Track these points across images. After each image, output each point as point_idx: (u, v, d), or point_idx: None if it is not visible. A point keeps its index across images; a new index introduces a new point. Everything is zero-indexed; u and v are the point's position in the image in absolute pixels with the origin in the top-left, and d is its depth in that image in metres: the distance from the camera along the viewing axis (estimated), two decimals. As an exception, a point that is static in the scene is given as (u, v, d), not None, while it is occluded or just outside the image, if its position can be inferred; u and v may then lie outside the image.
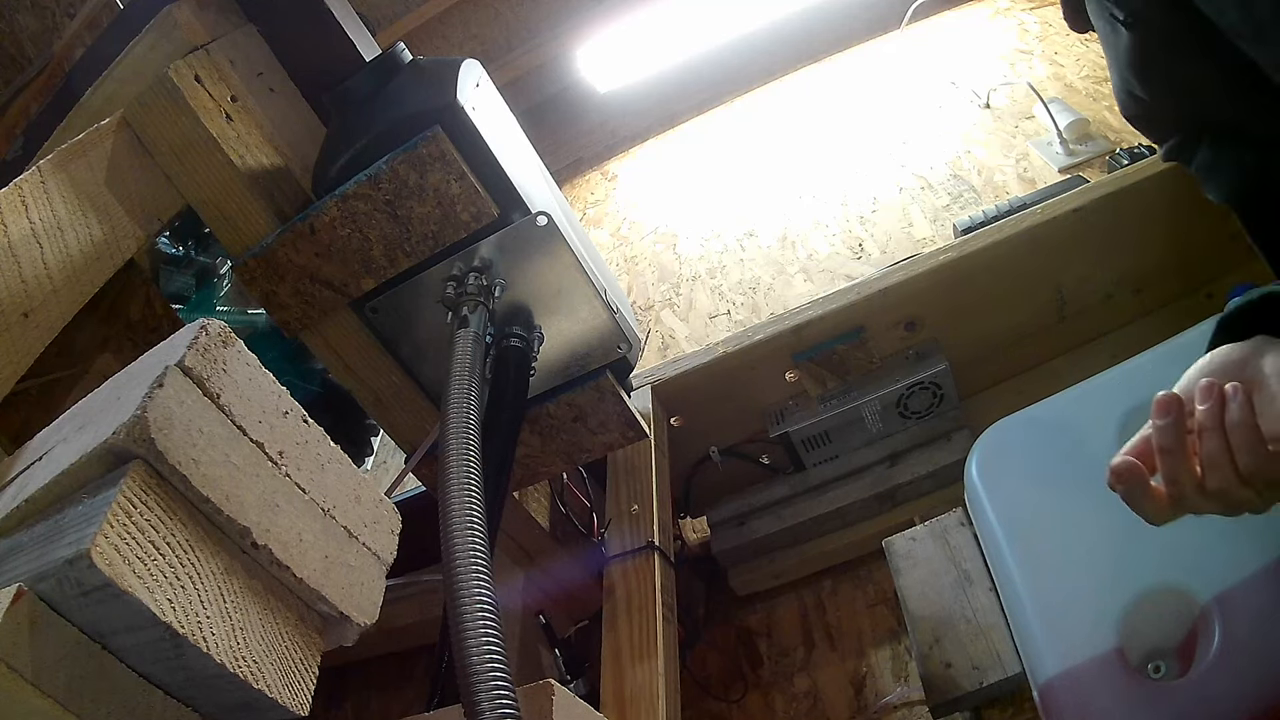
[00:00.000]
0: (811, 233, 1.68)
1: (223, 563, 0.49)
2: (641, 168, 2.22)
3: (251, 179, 0.89)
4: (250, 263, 0.90)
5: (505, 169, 0.89)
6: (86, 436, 0.49)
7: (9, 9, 2.05)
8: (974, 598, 1.03)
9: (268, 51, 0.97)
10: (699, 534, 1.43)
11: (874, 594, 1.30)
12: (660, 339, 1.69)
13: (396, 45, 0.93)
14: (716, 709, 1.30)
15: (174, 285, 1.70)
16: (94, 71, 0.95)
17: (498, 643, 0.55)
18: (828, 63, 2.12)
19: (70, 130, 0.93)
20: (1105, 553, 0.87)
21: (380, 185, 0.85)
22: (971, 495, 1.01)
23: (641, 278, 1.86)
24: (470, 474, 0.66)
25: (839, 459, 1.37)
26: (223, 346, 0.53)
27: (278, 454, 0.54)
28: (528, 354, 0.94)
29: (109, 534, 0.44)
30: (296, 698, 0.51)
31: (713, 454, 1.42)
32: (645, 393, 1.34)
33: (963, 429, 1.30)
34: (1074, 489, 0.93)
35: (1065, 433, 0.97)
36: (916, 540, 1.12)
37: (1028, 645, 0.88)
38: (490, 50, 2.21)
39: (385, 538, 0.60)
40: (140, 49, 0.92)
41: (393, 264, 0.90)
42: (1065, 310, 1.30)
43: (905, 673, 1.18)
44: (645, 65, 2.22)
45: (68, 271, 0.78)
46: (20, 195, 0.75)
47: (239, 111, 0.90)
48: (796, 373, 1.34)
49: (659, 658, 1.00)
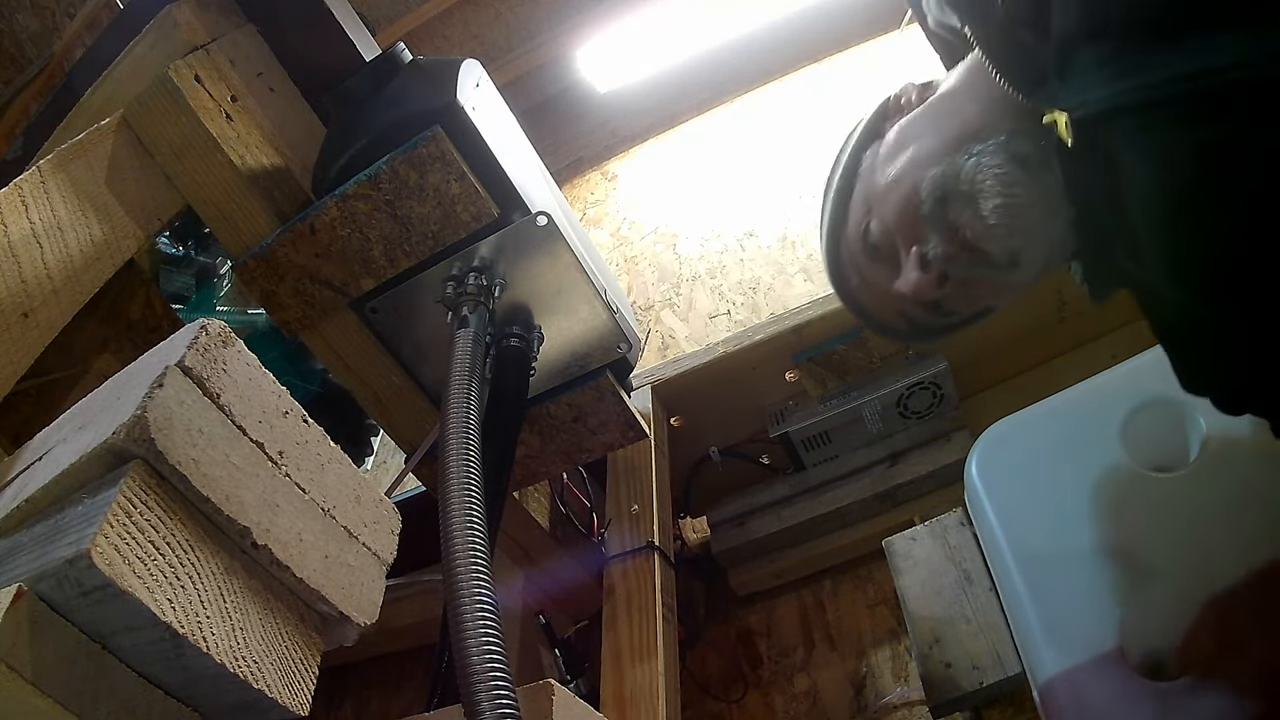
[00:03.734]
0: (811, 233, 1.67)
1: (223, 563, 0.49)
2: (641, 168, 2.22)
3: (251, 179, 0.89)
4: (250, 263, 0.90)
5: (505, 169, 0.89)
6: (86, 436, 0.49)
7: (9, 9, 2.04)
8: (974, 598, 1.03)
9: (268, 51, 0.97)
10: (699, 534, 1.43)
11: (874, 594, 1.30)
12: (660, 339, 1.69)
13: (396, 45, 0.93)
14: (716, 709, 1.30)
15: (174, 285, 1.70)
16: (94, 71, 0.95)
17: (498, 643, 0.55)
18: (827, 63, 2.11)
19: (70, 130, 0.92)
20: (1105, 553, 0.87)
21: (380, 185, 0.85)
22: (971, 495, 1.01)
23: (641, 278, 1.86)
24: (470, 474, 0.66)
25: (839, 459, 1.37)
26: (223, 346, 0.53)
27: (278, 454, 0.54)
28: (528, 354, 0.94)
29: (109, 534, 0.44)
30: (296, 697, 0.51)
31: (713, 454, 1.42)
32: (645, 393, 1.33)
33: (963, 429, 1.30)
34: (1074, 489, 0.93)
35: (1065, 433, 0.97)
36: (916, 540, 1.12)
37: (1028, 645, 0.88)
38: (490, 50, 2.20)
39: (385, 538, 0.60)
40: (140, 49, 0.92)
41: (393, 264, 0.90)
42: (1065, 310, 1.30)
43: (905, 673, 1.18)
44: (645, 65, 2.21)
45: (68, 271, 0.78)
46: (20, 195, 0.75)
47: (239, 111, 0.90)
48: (796, 373, 1.34)
49: (659, 658, 1.00)
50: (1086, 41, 0.62)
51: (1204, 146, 0.59)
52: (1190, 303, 0.67)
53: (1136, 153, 0.63)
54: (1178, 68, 0.58)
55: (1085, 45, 0.62)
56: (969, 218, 0.73)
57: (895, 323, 0.87)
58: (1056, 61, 0.64)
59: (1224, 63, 0.56)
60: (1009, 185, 0.71)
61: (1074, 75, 0.63)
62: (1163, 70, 0.58)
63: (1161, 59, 0.59)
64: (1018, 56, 0.69)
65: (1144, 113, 0.61)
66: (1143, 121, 0.62)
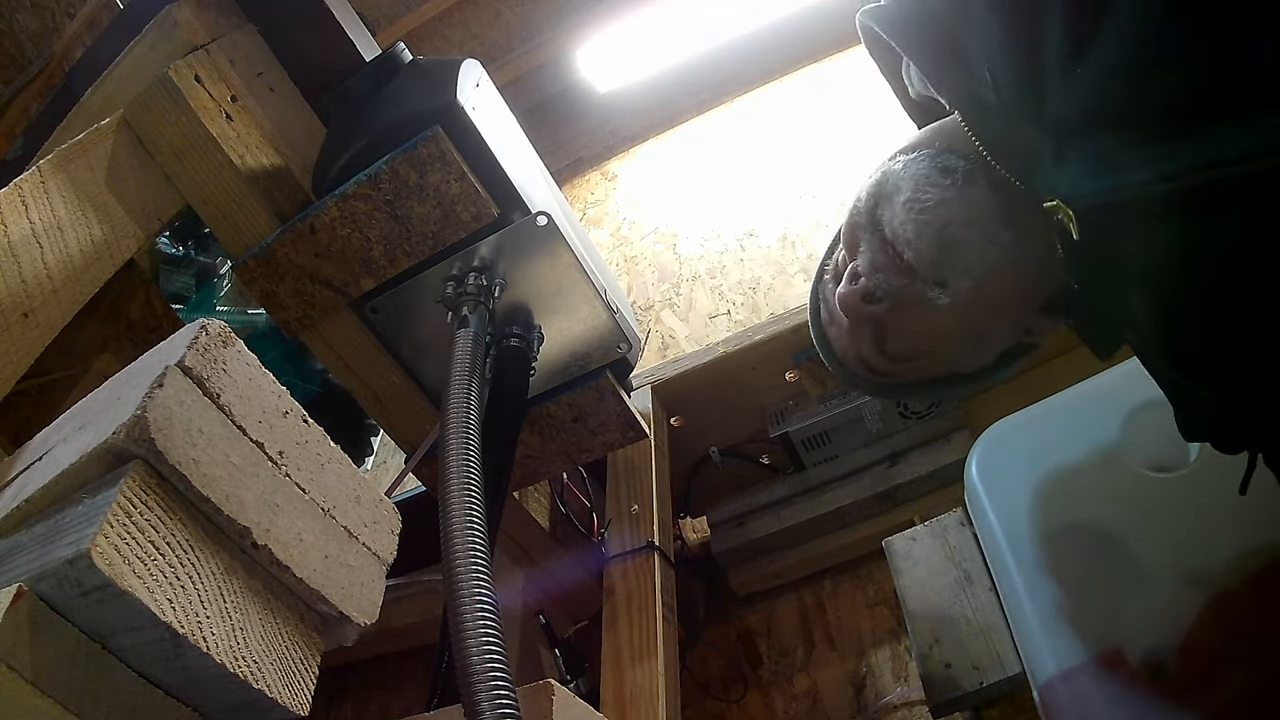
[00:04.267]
0: (811, 233, 1.67)
1: (223, 563, 0.49)
2: (641, 168, 2.22)
3: (251, 179, 0.89)
4: (250, 263, 0.90)
5: (505, 169, 0.89)
6: (86, 436, 0.49)
7: (9, 9, 2.04)
8: (974, 598, 1.03)
9: (268, 51, 0.97)
10: (699, 534, 1.43)
11: (874, 594, 1.30)
12: (660, 339, 1.69)
13: (396, 45, 0.93)
14: (716, 709, 1.30)
15: (174, 285, 1.70)
16: (94, 71, 0.95)
17: (498, 643, 0.55)
18: (827, 63, 2.11)
19: (70, 130, 0.92)
20: (1105, 553, 0.87)
21: (380, 185, 0.85)
22: (971, 495, 1.01)
23: (641, 278, 1.86)
24: (470, 474, 0.66)
25: (839, 459, 1.37)
26: (223, 346, 0.53)
27: (278, 454, 0.54)
28: (528, 354, 0.94)
29: (109, 534, 0.44)
30: (296, 697, 0.51)
31: (713, 454, 1.42)
32: (645, 393, 1.33)
33: (963, 429, 1.30)
34: (1074, 489, 0.93)
35: (1065, 433, 0.97)
36: (916, 540, 1.12)
37: (1028, 645, 0.88)
38: (490, 50, 2.20)
39: (385, 538, 0.60)
40: (140, 49, 0.92)
41: (393, 264, 0.90)
42: (1065, 310, 1.29)
43: (905, 673, 1.18)
44: (645, 65, 2.21)
45: (68, 271, 0.78)
46: (20, 195, 0.75)
47: (239, 111, 0.90)
48: (796, 373, 1.34)
49: (659, 658, 1.00)
50: (1084, 132, 0.60)
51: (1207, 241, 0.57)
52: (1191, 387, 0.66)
53: (1139, 245, 0.61)
54: (1182, 161, 0.55)
55: (1083, 136, 0.60)
56: (888, 217, 0.73)
57: (855, 367, 0.84)
58: (1053, 150, 0.62)
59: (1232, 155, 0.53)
60: (921, 186, 0.71)
61: (1071, 165, 0.61)
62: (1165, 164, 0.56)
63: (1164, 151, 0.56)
64: (1013, 143, 0.67)
65: (1145, 206, 0.58)
66: (1144, 214, 0.59)
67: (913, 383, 0.85)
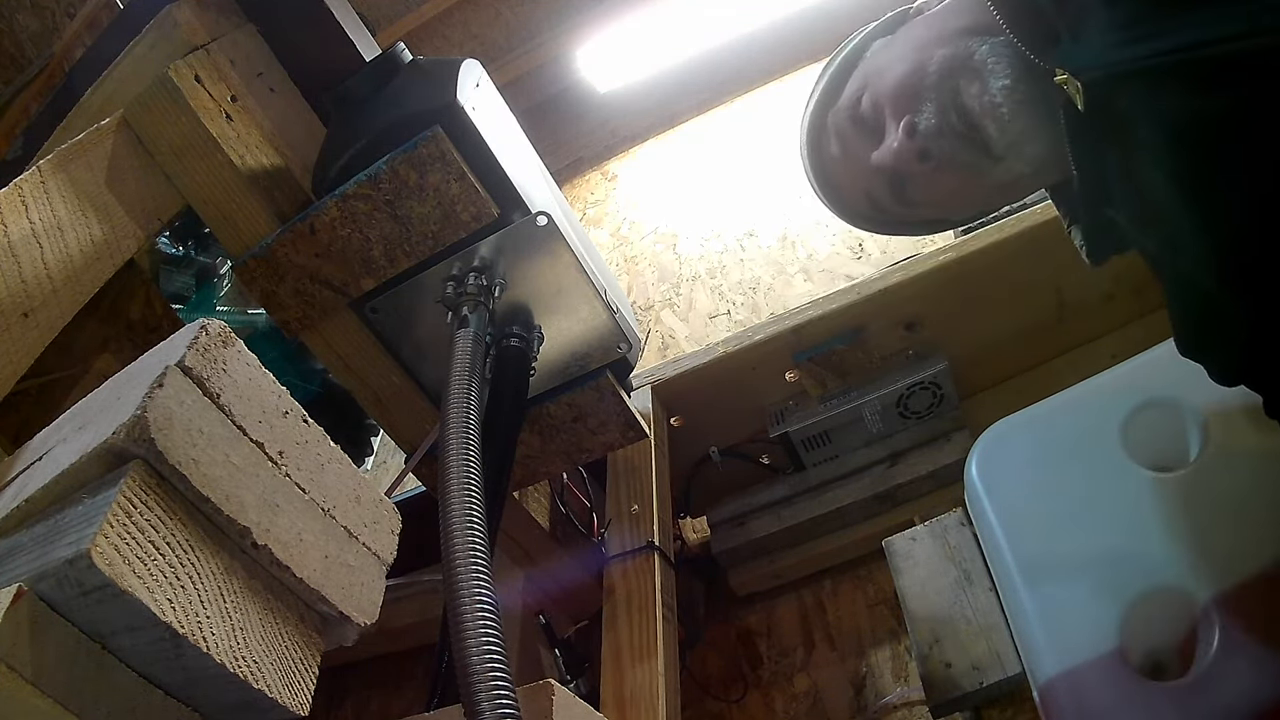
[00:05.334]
0: (811, 233, 1.67)
1: (223, 563, 0.49)
2: (641, 168, 2.22)
3: (251, 179, 0.89)
4: (250, 263, 0.90)
5: (505, 169, 0.89)
6: (86, 436, 0.49)
7: (9, 9, 2.04)
8: (974, 598, 1.03)
9: (268, 51, 0.97)
10: (699, 534, 1.42)
11: (874, 594, 1.30)
12: (660, 339, 1.69)
13: (396, 45, 0.93)
14: (716, 709, 1.30)
15: (174, 285, 1.70)
16: (94, 71, 0.95)
17: (498, 643, 0.55)
18: (828, 63, 2.12)
19: (70, 130, 0.92)
20: (1105, 553, 0.87)
21: (380, 185, 0.85)
22: (971, 495, 1.01)
23: (641, 278, 1.86)
24: (470, 474, 0.66)
25: (839, 459, 1.37)
26: (223, 346, 0.53)
27: (278, 454, 0.54)
28: (528, 354, 0.94)
29: (109, 534, 0.44)
30: (296, 697, 0.51)
31: (713, 454, 1.42)
32: (645, 393, 1.33)
33: (963, 429, 1.30)
34: (1074, 489, 0.93)
35: (1065, 433, 0.97)
36: (916, 540, 1.12)
37: (1028, 645, 0.88)
38: (490, 50, 2.20)
39: (385, 538, 0.60)
40: (140, 49, 0.92)
41: (393, 264, 0.90)
42: (1065, 310, 1.30)
43: (905, 673, 1.18)
44: (645, 65, 2.21)
45: (68, 271, 0.78)
46: (20, 195, 0.75)
47: (239, 111, 0.90)
48: (796, 373, 1.34)
49: (659, 658, 1.00)
50: (1103, 4, 0.62)
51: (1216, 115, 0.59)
52: (1193, 271, 0.67)
53: (1147, 119, 0.63)
54: (1194, 33, 0.58)
55: (1101, 8, 0.63)
56: (976, 92, 0.74)
57: (858, 202, 0.88)
58: (1071, 23, 0.65)
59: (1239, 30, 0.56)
60: (1017, 75, 0.72)
61: (1088, 37, 0.64)
62: (1179, 35, 0.58)
63: (1179, 24, 0.58)
64: (1031, 15, 0.69)
65: (1158, 78, 0.61)
66: (1156, 87, 0.62)
67: (908, 222, 0.90)
